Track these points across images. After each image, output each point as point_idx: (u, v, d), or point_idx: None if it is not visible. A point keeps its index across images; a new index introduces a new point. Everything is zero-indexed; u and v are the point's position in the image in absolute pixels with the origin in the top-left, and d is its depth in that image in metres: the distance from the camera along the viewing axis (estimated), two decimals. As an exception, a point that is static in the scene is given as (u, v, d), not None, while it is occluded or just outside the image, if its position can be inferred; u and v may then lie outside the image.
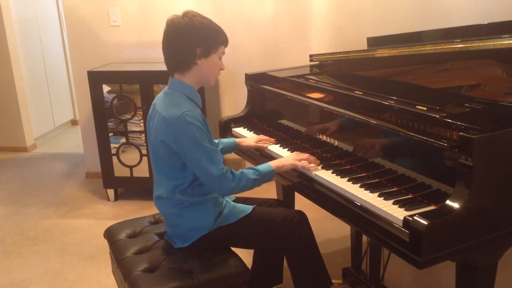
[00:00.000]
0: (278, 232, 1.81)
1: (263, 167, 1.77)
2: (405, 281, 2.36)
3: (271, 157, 2.03)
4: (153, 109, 1.77)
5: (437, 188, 1.44)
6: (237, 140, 2.12)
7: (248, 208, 1.84)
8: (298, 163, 1.80)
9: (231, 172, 1.68)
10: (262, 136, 2.16)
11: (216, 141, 2.04)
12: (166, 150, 1.67)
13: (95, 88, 3.26)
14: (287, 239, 1.82)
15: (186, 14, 1.68)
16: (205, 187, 1.72)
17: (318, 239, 1.90)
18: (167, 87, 1.76)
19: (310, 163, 1.81)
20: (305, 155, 1.83)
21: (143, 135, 3.35)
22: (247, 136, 2.25)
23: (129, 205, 3.40)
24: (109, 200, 3.48)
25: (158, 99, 1.76)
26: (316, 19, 3.36)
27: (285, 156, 1.90)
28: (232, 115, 2.50)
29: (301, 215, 1.87)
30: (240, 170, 1.72)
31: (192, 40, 1.66)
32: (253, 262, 2.13)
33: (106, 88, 3.33)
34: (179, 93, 1.71)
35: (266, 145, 2.11)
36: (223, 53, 1.75)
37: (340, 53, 2.47)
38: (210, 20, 1.71)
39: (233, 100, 3.63)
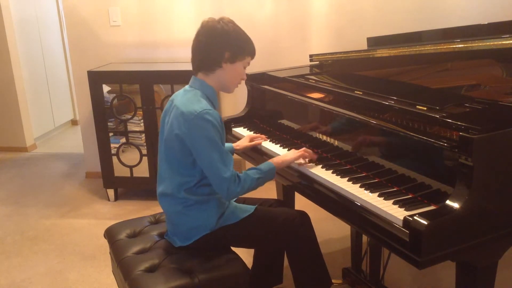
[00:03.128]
0: (280, 232, 1.82)
1: (265, 165, 1.79)
2: (405, 281, 2.36)
3: (271, 157, 2.03)
4: (170, 104, 1.78)
5: (437, 188, 1.44)
6: (233, 144, 2.13)
7: (250, 208, 1.84)
8: (298, 155, 1.84)
9: (237, 175, 1.69)
10: (253, 135, 2.18)
11: None
12: (179, 145, 1.67)
13: (95, 88, 3.26)
14: (289, 239, 1.82)
15: (222, 19, 1.72)
16: (213, 187, 1.71)
17: (318, 239, 1.90)
18: (188, 85, 1.78)
19: (308, 157, 1.84)
20: (301, 151, 1.85)
21: (143, 135, 3.35)
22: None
23: (129, 205, 3.40)
24: (109, 200, 3.48)
25: (177, 96, 1.77)
26: (316, 19, 3.36)
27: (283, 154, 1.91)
28: (232, 115, 2.50)
29: (303, 215, 1.87)
30: (243, 171, 1.73)
31: (222, 43, 1.69)
32: (253, 262, 2.13)
33: (106, 88, 3.33)
34: (199, 92, 1.73)
35: (260, 141, 2.14)
36: (248, 64, 1.80)
37: (340, 53, 2.47)
38: (243, 30, 1.76)
39: (233, 100, 3.63)
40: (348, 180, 1.65)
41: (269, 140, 2.17)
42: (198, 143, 1.64)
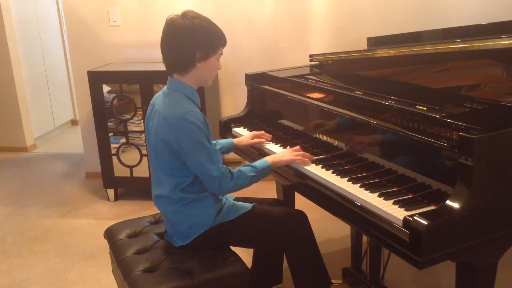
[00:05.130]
0: (278, 230, 1.82)
1: (260, 163, 1.79)
2: (405, 281, 2.36)
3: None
4: (151, 109, 1.77)
5: (437, 188, 1.44)
6: (234, 140, 2.12)
7: (248, 205, 1.85)
8: (295, 158, 1.83)
9: (229, 171, 1.69)
10: (257, 132, 2.17)
11: (214, 142, 2.04)
12: (167, 149, 1.67)
13: (95, 88, 3.26)
14: (286, 238, 1.82)
15: (186, 15, 1.67)
16: (205, 186, 1.72)
17: (318, 239, 1.90)
18: (165, 87, 1.76)
19: (305, 158, 1.83)
20: (300, 151, 1.85)
21: (143, 135, 3.35)
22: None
23: (129, 205, 3.40)
24: (109, 200, 3.48)
25: (157, 99, 1.76)
26: (316, 19, 3.37)
27: (280, 152, 1.91)
28: (232, 115, 2.50)
29: (300, 214, 1.87)
30: (237, 168, 1.73)
31: (192, 44, 1.66)
32: (253, 262, 2.13)
33: (106, 88, 3.33)
34: (179, 93, 1.71)
35: (263, 140, 2.13)
36: (221, 54, 1.76)
37: (340, 53, 2.47)
38: (209, 21, 1.71)
39: (233, 100, 3.63)
40: (348, 180, 1.65)
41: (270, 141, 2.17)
42: (185, 145, 1.63)
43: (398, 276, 2.36)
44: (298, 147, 1.91)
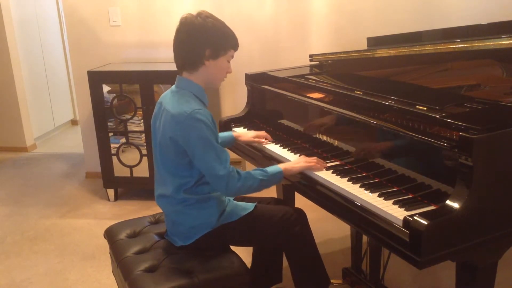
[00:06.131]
0: (277, 229, 1.82)
1: (271, 168, 1.76)
2: (405, 281, 2.36)
3: (271, 157, 2.03)
4: (159, 107, 1.76)
5: (437, 188, 1.44)
6: (235, 134, 2.12)
7: (250, 206, 1.84)
8: (309, 165, 1.78)
9: (237, 171, 1.68)
10: (260, 133, 2.16)
11: None
12: (174, 148, 1.67)
13: (95, 88, 3.26)
14: (285, 236, 1.82)
15: (200, 14, 1.69)
16: (211, 185, 1.71)
17: (318, 239, 1.91)
18: (174, 85, 1.77)
19: (318, 165, 1.79)
20: (314, 159, 1.81)
21: (143, 135, 3.35)
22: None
23: (129, 205, 3.40)
24: (109, 200, 3.48)
25: (165, 98, 1.76)
26: (316, 19, 3.36)
27: (291, 159, 1.89)
28: (232, 115, 2.50)
29: (299, 213, 1.87)
30: (246, 171, 1.72)
31: (202, 41, 1.67)
32: (252, 261, 2.13)
33: (106, 88, 3.33)
34: (187, 92, 1.71)
35: (262, 140, 2.12)
36: (232, 57, 1.76)
37: (340, 53, 2.47)
38: (223, 23, 1.72)
39: (233, 100, 3.63)
40: (348, 180, 1.65)
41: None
42: (192, 143, 1.63)
43: (398, 276, 2.36)
44: (315, 158, 1.82)
